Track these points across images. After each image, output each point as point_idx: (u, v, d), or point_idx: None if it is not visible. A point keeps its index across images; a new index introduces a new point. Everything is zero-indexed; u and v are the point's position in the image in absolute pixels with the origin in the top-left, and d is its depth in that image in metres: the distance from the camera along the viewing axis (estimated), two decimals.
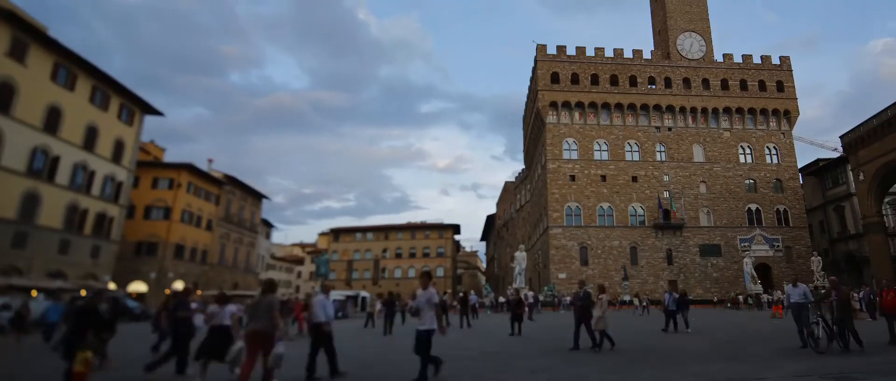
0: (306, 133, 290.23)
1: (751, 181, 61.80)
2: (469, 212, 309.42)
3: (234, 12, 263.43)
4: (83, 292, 36.13)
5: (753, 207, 60.93)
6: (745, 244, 58.21)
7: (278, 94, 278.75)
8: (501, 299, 53.21)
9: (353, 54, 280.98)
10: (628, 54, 64.08)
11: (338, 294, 54.28)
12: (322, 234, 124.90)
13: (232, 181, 69.45)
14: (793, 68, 65.35)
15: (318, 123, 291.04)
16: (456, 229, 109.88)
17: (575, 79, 62.33)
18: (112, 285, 45.88)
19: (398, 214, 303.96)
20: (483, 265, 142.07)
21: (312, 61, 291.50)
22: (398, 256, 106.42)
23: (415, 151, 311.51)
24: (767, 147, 63.20)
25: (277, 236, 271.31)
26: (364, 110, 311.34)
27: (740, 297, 50.13)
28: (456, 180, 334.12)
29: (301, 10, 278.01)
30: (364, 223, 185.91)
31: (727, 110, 63.34)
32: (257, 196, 77.96)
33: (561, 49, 63.24)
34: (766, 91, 64.10)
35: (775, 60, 65.76)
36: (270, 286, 9.35)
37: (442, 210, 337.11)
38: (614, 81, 62.56)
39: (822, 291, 26.13)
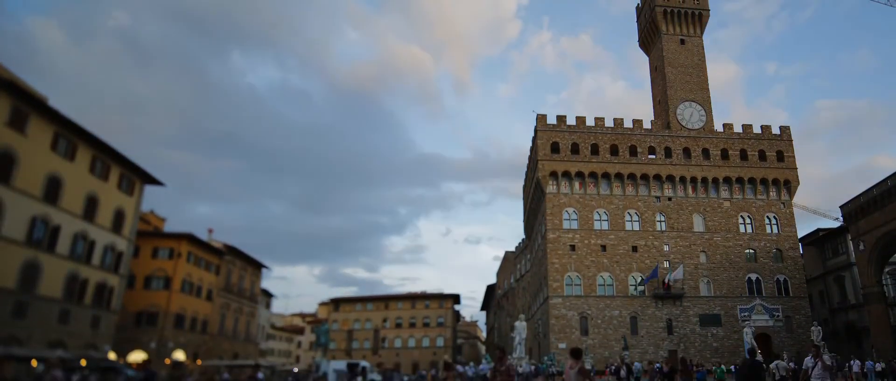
0: None
1: (751, 251, 61.59)
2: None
3: None
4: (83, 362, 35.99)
5: (753, 276, 60.59)
6: (746, 314, 57.69)
7: None
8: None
9: None
10: (628, 124, 64.38)
11: (338, 364, 53.75)
12: (322, 303, 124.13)
13: (232, 251, 69.44)
14: (793, 138, 65.90)
15: None
16: (456, 299, 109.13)
17: (575, 148, 62.69)
18: (112, 355, 45.43)
19: None
20: (483, 335, 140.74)
21: None
22: (398, 326, 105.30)
23: None
24: (767, 217, 63.19)
25: (277, 306, 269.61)
26: None
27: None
28: None
29: None
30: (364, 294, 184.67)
31: (727, 180, 63.45)
32: (257, 266, 77.81)
33: (561, 119, 63.79)
34: (766, 161, 64.19)
35: (775, 130, 66.03)
36: None
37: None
38: (614, 150, 62.85)
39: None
